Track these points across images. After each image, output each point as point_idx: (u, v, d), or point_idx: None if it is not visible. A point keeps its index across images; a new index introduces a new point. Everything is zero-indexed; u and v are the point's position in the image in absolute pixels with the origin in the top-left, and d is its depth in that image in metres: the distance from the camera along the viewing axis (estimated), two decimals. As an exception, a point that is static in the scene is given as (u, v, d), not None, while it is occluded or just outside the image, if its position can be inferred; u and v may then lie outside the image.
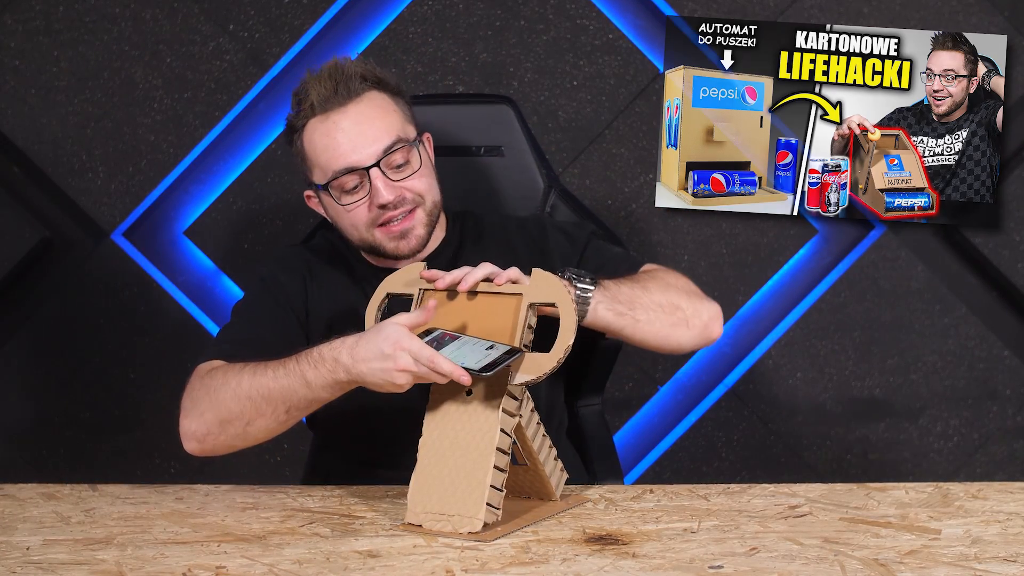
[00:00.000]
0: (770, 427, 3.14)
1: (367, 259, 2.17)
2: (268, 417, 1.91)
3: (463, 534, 1.72)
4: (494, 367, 1.71)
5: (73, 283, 3.09)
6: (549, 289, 1.79)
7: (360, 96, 2.05)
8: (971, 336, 3.11)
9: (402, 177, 2.04)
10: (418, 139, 2.09)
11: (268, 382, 1.89)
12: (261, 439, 1.96)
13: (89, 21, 3.03)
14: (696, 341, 2.06)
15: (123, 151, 3.06)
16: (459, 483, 1.74)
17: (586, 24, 3.05)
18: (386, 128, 2.04)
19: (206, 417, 1.95)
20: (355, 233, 2.09)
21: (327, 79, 2.05)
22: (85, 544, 1.72)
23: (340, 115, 2.04)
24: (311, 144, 2.07)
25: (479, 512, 1.72)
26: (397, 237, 2.06)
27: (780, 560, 1.61)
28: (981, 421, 3.13)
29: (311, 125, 2.06)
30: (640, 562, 1.61)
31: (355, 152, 2.02)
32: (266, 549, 1.68)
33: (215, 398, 1.94)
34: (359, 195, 2.04)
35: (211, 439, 1.96)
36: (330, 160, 2.04)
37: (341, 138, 2.03)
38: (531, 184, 2.45)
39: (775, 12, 3.05)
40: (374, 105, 2.06)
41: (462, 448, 1.76)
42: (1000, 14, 3.04)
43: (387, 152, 2.03)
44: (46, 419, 3.11)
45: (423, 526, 1.75)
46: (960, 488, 1.92)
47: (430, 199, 2.08)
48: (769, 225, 3.09)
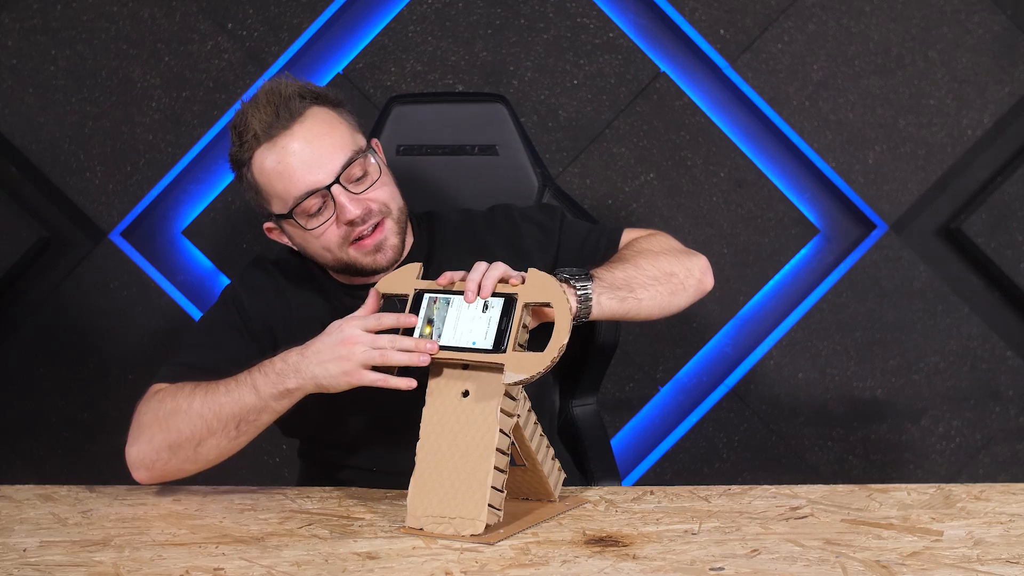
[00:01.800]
0: (771, 428, 3.14)
1: (336, 278, 2.12)
2: (219, 435, 1.90)
3: (465, 536, 1.71)
4: (503, 336, 1.74)
5: (71, 283, 3.08)
6: (544, 289, 1.79)
7: (303, 115, 1.98)
8: (973, 336, 3.11)
9: (363, 189, 1.99)
10: (369, 147, 2.04)
11: (220, 398, 1.88)
12: (213, 461, 1.93)
13: (87, 20, 3.03)
14: (693, 299, 2.05)
15: (121, 150, 3.06)
16: (459, 485, 1.74)
17: (586, 23, 3.05)
18: (338, 143, 1.98)
19: (155, 442, 1.93)
20: (328, 256, 2.03)
21: (265, 104, 1.98)
22: (82, 546, 1.71)
23: (288, 138, 1.97)
24: (262, 174, 1.99)
25: (481, 514, 1.71)
26: (372, 251, 2.01)
27: (781, 562, 1.60)
28: (983, 422, 3.13)
29: (259, 155, 1.98)
30: (640, 564, 1.61)
31: (311, 173, 1.96)
32: (264, 551, 1.68)
33: (165, 422, 1.92)
34: (324, 216, 1.98)
35: (160, 465, 1.94)
36: (287, 187, 1.97)
37: (294, 162, 1.96)
38: (525, 183, 2.45)
39: (776, 11, 3.04)
40: (319, 121, 1.99)
41: (461, 450, 1.75)
42: (1003, 13, 3.04)
43: (344, 167, 1.97)
44: (43, 420, 3.11)
45: (424, 529, 1.74)
46: (962, 489, 1.91)
47: (395, 207, 2.04)
48: (770, 225, 3.09)
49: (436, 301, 1.82)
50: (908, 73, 3.07)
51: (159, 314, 3.09)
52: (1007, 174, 3.08)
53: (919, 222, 3.11)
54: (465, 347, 1.78)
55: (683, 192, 3.09)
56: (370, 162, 2.01)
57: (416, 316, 1.82)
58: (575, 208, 2.47)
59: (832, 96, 3.07)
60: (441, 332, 1.80)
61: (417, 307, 1.83)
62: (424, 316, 1.82)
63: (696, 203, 3.09)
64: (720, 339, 3.12)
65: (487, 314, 1.78)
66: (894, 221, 3.09)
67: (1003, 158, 3.10)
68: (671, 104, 3.07)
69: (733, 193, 3.09)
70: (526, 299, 1.79)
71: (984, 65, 3.06)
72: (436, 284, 1.84)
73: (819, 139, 3.08)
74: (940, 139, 3.08)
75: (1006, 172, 3.08)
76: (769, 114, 3.08)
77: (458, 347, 1.78)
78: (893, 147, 3.08)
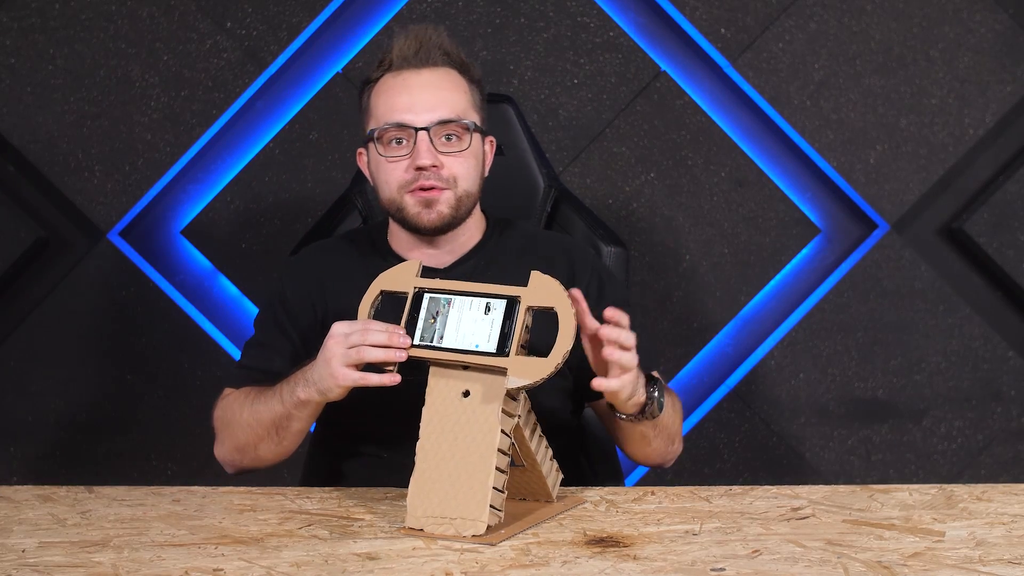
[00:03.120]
0: (772, 428, 3.13)
1: (395, 248, 2.18)
2: (266, 441, 2.01)
3: (466, 537, 1.70)
4: (506, 340, 1.74)
5: (69, 283, 3.08)
6: (548, 293, 1.78)
7: (437, 66, 2.10)
8: (975, 336, 3.10)
9: (446, 151, 2.07)
10: (480, 130, 2.12)
11: (259, 407, 1.99)
12: (274, 461, 2.06)
13: (85, 18, 3.03)
14: (659, 457, 2.12)
15: (119, 150, 3.05)
16: (460, 486, 1.73)
17: (587, 21, 3.05)
18: (448, 101, 2.07)
19: (227, 446, 2.08)
20: (386, 191, 2.10)
21: (412, 39, 2.11)
22: (81, 546, 1.70)
23: (413, 76, 2.09)
24: (377, 94, 2.11)
25: (482, 515, 1.71)
26: (422, 204, 2.07)
27: (783, 562, 1.60)
28: (985, 422, 3.13)
29: (384, 79, 2.11)
30: (641, 564, 1.60)
31: (411, 111, 2.06)
32: (264, 551, 1.67)
33: (228, 429, 2.06)
34: (402, 151, 2.07)
35: (236, 463, 2.09)
36: (387, 112, 2.08)
37: (404, 95, 2.07)
38: (531, 184, 2.45)
39: (777, 10, 3.04)
40: (446, 78, 2.10)
41: (462, 450, 1.74)
42: (1004, 11, 3.04)
43: (441, 122, 2.06)
44: (42, 420, 3.10)
45: (424, 530, 1.74)
46: (964, 490, 1.92)
47: (463, 187, 2.09)
48: (771, 224, 3.08)
49: (438, 301, 1.82)
50: (909, 72, 3.06)
51: (158, 314, 3.08)
52: (1009, 173, 3.08)
53: (921, 222, 3.11)
54: (467, 349, 1.77)
55: (684, 192, 3.08)
56: (467, 136, 2.09)
57: (402, 326, 1.81)
58: (581, 209, 2.47)
59: (833, 95, 3.07)
60: (443, 333, 1.80)
61: (417, 306, 1.82)
62: (425, 316, 1.81)
63: (697, 203, 3.08)
64: (721, 339, 3.12)
65: (489, 316, 1.77)
66: (895, 221, 3.09)
67: (1005, 157, 3.09)
68: (672, 103, 3.07)
69: (734, 193, 3.08)
70: (529, 302, 1.78)
71: (986, 64, 3.06)
72: (437, 284, 1.84)
73: (820, 138, 3.07)
74: (942, 138, 3.07)
75: (1008, 171, 3.08)
76: (770, 113, 3.07)
77: (460, 349, 1.78)
78: (894, 146, 3.07)
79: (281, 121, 3.06)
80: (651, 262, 3.07)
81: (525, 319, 1.77)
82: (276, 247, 3.04)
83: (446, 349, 1.78)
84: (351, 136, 3.03)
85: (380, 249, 2.19)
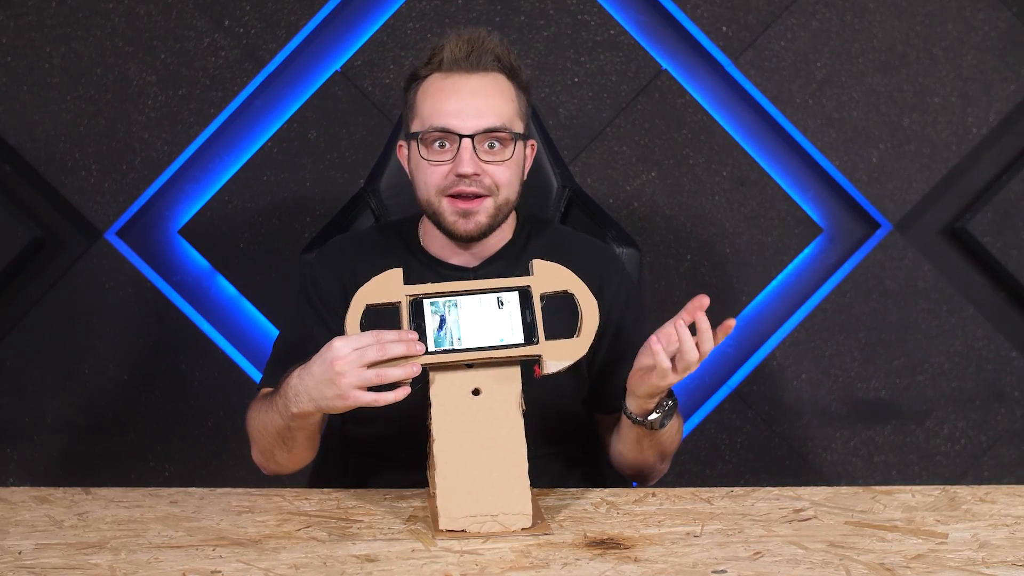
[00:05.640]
0: (774, 429, 3.13)
1: (427, 248, 2.18)
2: (278, 448, 2.01)
3: (517, 531, 1.72)
4: (532, 328, 1.77)
5: (66, 283, 3.07)
6: (559, 279, 1.81)
7: (487, 72, 2.09)
8: (979, 337, 3.10)
9: (489, 160, 2.07)
10: (523, 137, 2.12)
11: (264, 417, 2.00)
12: (293, 468, 2.08)
13: (82, 17, 3.02)
14: (649, 468, 2.15)
15: (117, 149, 3.05)
16: (495, 482, 1.74)
17: (587, 20, 3.04)
18: (495, 109, 2.07)
19: (254, 450, 2.10)
20: (424, 192, 2.10)
21: (465, 43, 2.09)
22: (78, 548, 1.71)
23: (462, 80, 2.08)
24: (423, 94, 2.10)
25: (526, 507, 1.73)
26: (459, 213, 2.07)
27: (784, 564, 1.60)
28: (989, 423, 3.12)
29: (432, 78, 2.10)
30: (642, 567, 1.60)
31: (457, 117, 2.05)
32: (262, 553, 1.67)
33: (254, 434, 2.07)
34: (445, 156, 2.07)
35: (267, 468, 2.11)
36: (432, 114, 2.07)
37: (452, 100, 2.06)
38: (545, 184, 2.46)
39: (779, 8, 3.04)
40: (496, 86, 2.09)
41: (487, 447, 1.75)
42: (1008, 9, 3.03)
43: (486, 131, 2.05)
44: (38, 421, 3.10)
45: (467, 530, 1.74)
46: (967, 491, 1.92)
47: (504, 194, 2.09)
48: (773, 224, 3.08)
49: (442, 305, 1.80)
50: (912, 71, 3.06)
51: (155, 314, 3.08)
52: (1013, 172, 3.08)
53: (924, 221, 3.10)
54: (493, 345, 1.77)
55: (685, 191, 3.07)
56: (511, 145, 2.08)
57: (414, 331, 1.78)
58: (595, 209, 2.47)
59: (836, 94, 3.06)
60: (459, 335, 1.78)
61: (419, 313, 1.80)
62: (432, 322, 1.79)
63: (698, 202, 3.08)
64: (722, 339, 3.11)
65: (504, 310, 1.78)
66: (898, 220, 3.08)
67: (1009, 156, 3.09)
68: (673, 102, 3.06)
69: (735, 192, 3.08)
70: (541, 289, 1.79)
71: (989, 62, 3.05)
72: (428, 288, 1.81)
73: (822, 137, 3.07)
74: (945, 137, 3.07)
75: (1012, 170, 3.08)
76: (772, 112, 3.07)
77: (486, 347, 1.77)
78: (897, 145, 3.07)
79: (279, 120, 3.05)
80: (652, 262, 3.06)
81: (539, 308, 1.79)
82: (275, 247, 3.04)
83: (469, 349, 1.77)
84: (350, 135, 3.03)
85: (411, 246, 2.19)
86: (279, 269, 3.03)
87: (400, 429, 2.05)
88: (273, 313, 3.07)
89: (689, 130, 3.07)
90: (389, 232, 2.24)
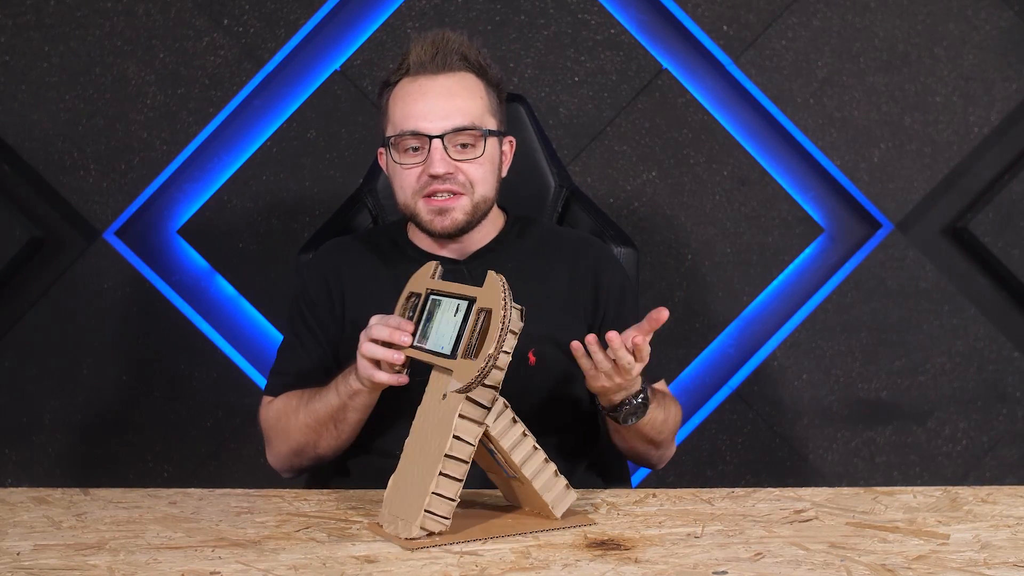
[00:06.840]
0: (775, 430, 3.12)
1: (416, 243, 2.21)
2: (325, 435, 2.07)
3: (400, 539, 1.70)
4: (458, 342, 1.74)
5: (64, 283, 3.07)
6: (491, 295, 1.74)
7: (454, 72, 2.11)
8: (980, 337, 3.10)
9: (461, 158, 2.09)
10: (495, 134, 2.14)
11: (315, 404, 2.06)
12: (332, 455, 2.11)
13: (81, 16, 3.02)
14: (652, 456, 2.20)
15: (115, 148, 3.05)
16: (414, 487, 1.73)
17: (587, 19, 3.04)
18: (464, 108, 2.09)
19: (282, 451, 2.14)
20: (402, 195, 2.14)
21: (429, 45, 2.12)
22: (77, 549, 1.70)
23: (429, 82, 2.10)
24: (394, 100, 2.13)
25: (417, 518, 1.70)
26: (435, 212, 2.11)
27: (785, 565, 1.59)
28: (990, 424, 3.12)
29: (402, 83, 2.13)
30: (643, 568, 1.60)
31: (426, 119, 2.08)
32: (261, 554, 1.66)
33: (284, 434, 2.12)
34: (417, 158, 2.10)
35: (294, 465, 2.16)
36: (403, 119, 2.10)
37: (420, 102, 2.09)
38: (542, 183, 2.46)
39: (780, 7, 3.03)
40: (462, 85, 2.11)
41: (428, 452, 1.75)
42: (1010, 9, 3.03)
43: (455, 130, 2.08)
44: (37, 422, 3.10)
45: (382, 526, 1.75)
46: (969, 492, 1.92)
47: (480, 192, 2.12)
48: (774, 224, 3.07)
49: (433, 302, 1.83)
50: (914, 70, 3.06)
51: (154, 315, 3.08)
52: (1014, 172, 3.07)
53: (925, 221, 3.10)
54: (436, 351, 1.78)
55: (686, 190, 3.07)
56: (481, 142, 2.10)
57: (408, 320, 1.85)
58: (592, 209, 2.47)
59: (837, 93, 3.06)
60: (428, 334, 1.81)
61: (424, 307, 1.85)
62: (425, 318, 1.83)
63: (699, 201, 3.07)
64: (723, 340, 3.11)
65: (456, 318, 1.77)
66: (900, 220, 3.08)
67: (1010, 156, 3.09)
68: (673, 101, 3.06)
69: (736, 191, 3.07)
70: (481, 304, 1.75)
71: (991, 62, 3.05)
72: (440, 285, 1.85)
73: (823, 137, 3.06)
74: (946, 137, 3.06)
75: (1013, 170, 3.08)
76: (773, 111, 3.07)
77: (432, 351, 1.79)
78: (899, 145, 3.07)
79: (279, 119, 3.05)
80: (652, 262, 3.06)
81: (478, 322, 1.73)
82: (274, 246, 3.04)
83: (424, 351, 1.81)
84: (349, 135, 3.03)
85: (402, 246, 2.22)
86: (278, 269, 3.03)
87: (400, 430, 2.05)
88: (272, 313, 3.07)
89: (690, 130, 3.07)
90: (378, 237, 2.28)
